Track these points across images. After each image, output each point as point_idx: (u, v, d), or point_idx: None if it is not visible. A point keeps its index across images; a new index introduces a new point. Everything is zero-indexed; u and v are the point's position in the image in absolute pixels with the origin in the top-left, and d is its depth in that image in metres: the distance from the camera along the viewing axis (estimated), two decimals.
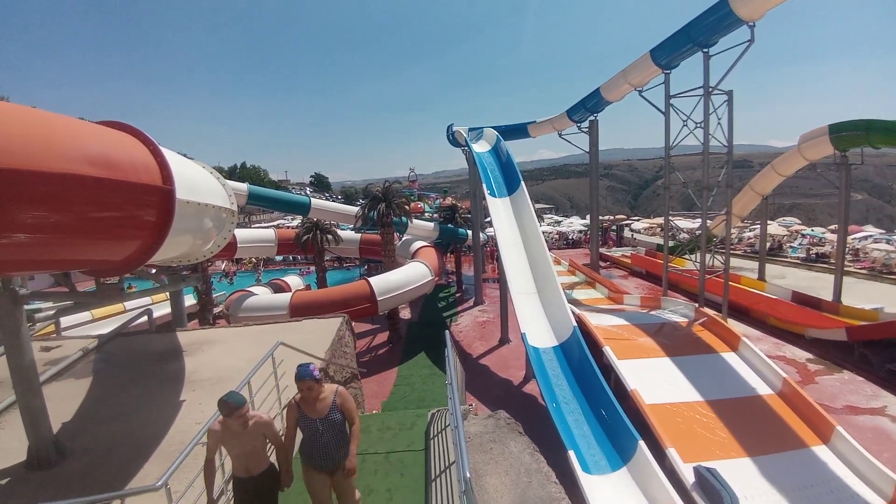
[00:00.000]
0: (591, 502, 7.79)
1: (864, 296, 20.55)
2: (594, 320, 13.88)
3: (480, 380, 15.32)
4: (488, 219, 22.52)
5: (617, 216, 54.51)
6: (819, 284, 22.38)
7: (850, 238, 26.95)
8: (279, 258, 37.03)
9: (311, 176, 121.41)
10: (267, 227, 35.09)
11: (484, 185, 19.46)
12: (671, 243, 22.28)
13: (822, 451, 9.01)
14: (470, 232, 27.43)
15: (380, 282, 17.88)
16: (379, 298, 17.24)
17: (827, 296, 19.87)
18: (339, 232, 26.17)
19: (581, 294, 22.25)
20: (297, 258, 36.80)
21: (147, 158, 5.28)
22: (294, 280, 25.93)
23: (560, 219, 55.60)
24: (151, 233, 5.36)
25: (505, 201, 19.14)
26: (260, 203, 24.55)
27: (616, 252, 35.80)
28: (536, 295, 15.05)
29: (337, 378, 8.97)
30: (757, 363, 11.42)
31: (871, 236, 32.46)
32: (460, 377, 5.85)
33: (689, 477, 8.16)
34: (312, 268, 27.83)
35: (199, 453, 5.05)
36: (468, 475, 3.33)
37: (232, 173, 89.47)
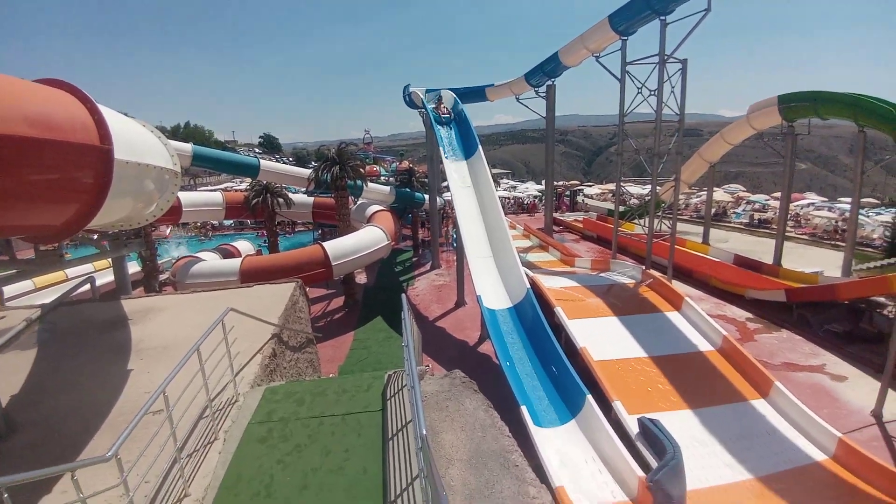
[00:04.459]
0: (542, 453, 8.18)
1: (804, 260, 21.56)
2: (547, 282, 14.24)
3: (437, 341, 15.56)
4: (445, 183, 22.40)
5: (571, 182, 55.49)
6: (761, 249, 23.42)
7: (792, 205, 28.47)
8: (228, 222, 35.61)
9: (260, 136, 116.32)
10: (214, 190, 33.51)
11: (441, 149, 19.23)
12: (622, 208, 22.92)
13: (760, 405, 9.71)
14: (427, 196, 27.25)
15: (334, 246, 17.59)
16: (334, 263, 17.00)
17: (768, 259, 20.84)
18: (291, 195, 25.39)
19: (535, 257, 22.73)
20: (247, 222, 35.55)
21: (84, 117, 5.01)
22: (244, 245, 25.12)
23: (516, 184, 56.00)
24: (90, 195, 5.12)
25: (462, 165, 19.03)
26: (205, 164, 23.46)
27: (569, 217, 36.60)
28: (492, 258, 15.25)
29: (291, 343, 8.86)
30: (699, 321, 12.10)
31: (813, 204, 34.41)
32: (417, 339, 5.90)
33: (633, 428, 8.68)
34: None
35: (148, 423, 4.91)
36: (424, 433, 3.38)
37: (175, 133, 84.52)
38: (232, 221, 34.49)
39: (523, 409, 9.35)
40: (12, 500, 2.99)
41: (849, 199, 26.49)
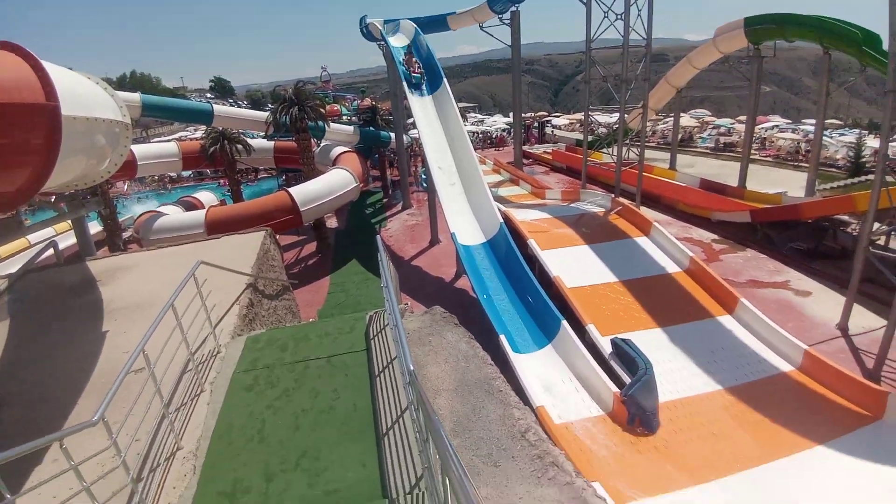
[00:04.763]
0: (522, 377, 8.58)
1: (768, 182, 21.98)
2: (519, 216, 14.35)
3: (414, 280, 15.73)
4: (411, 120, 21.76)
5: (539, 113, 54.65)
6: (726, 172, 23.80)
7: (757, 128, 28.84)
8: (187, 174, 34.09)
9: (211, 80, 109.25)
10: (168, 141, 31.82)
11: (404, 84, 18.49)
12: (590, 138, 22.86)
13: (727, 321, 10.25)
14: (393, 134, 26.50)
15: (301, 192, 17.16)
16: (302, 209, 16.66)
17: (733, 182, 21.25)
18: (250, 141, 24.33)
19: (506, 191, 22.73)
20: (207, 172, 34.08)
21: (27, 74, 4.74)
22: (206, 196, 24.26)
23: (483, 118, 54.87)
24: (41, 156, 4.91)
25: (427, 100, 18.41)
26: (156, 114, 22.28)
27: (538, 149, 36.39)
28: (464, 195, 15.18)
29: (268, 292, 8.80)
30: (667, 245, 12.50)
31: (777, 126, 34.89)
32: (394, 279, 5.92)
33: (607, 348, 9.13)
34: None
35: (131, 382, 4.86)
36: (412, 367, 3.46)
37: (121, 84, 78.93)
38: (191, 172, 33.00)
39: (502, 338, 9.69)
40: (3, 477, 2.96)
41: (812, 121, 26.95)
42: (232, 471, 4.36)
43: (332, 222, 23.07)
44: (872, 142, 24.15)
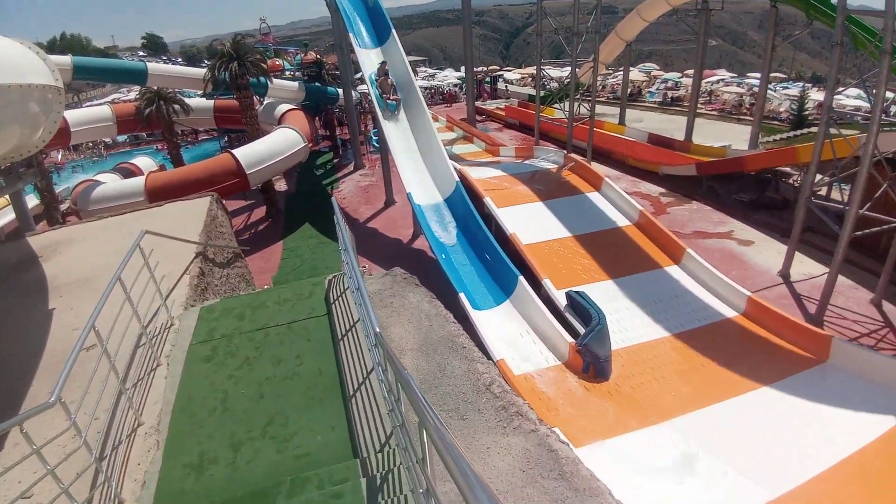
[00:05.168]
0: (483, 333, 8.81)
1: (713, 135, 22.64)
2: (474, 174, 14.33)
3: (371, 242, 15.58)
4: (359, 74, 20.92)
5: (490, 67, 53.82)
6: (673, 126, 24.34)
7: (703, 82, 29.52)
8: (122, 138, 31.75)
9: (143, 38, 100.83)
10: (101, 105, 29.46)
11: (351, 35, 17.63)
12: (542, 93, 22.83)
13: (674, 271, 10.77)
14: (341, 90, 25.47)
15: (246, 153, 16.38)
16: (248, 172, 15.95)
17: (680, 136, 21.84)
18: (188, 100, 22.83)
19: (460, 149, 22.57)
20: (143, 136, 31.90)
21: None
22: (144, 161, 22.85)
23: (434, 72, 53.53)
24: None
25: (376, 52, 17.68)
26: (88, 76, 20.90)
27: (491, 105, 36.07)
28: (418, 154, 14.92)
29: (218, 260, 8.50)
30: (617, 199, 12.87)
31: (723, 80, 35.78)
32: (352, 242, 5.83)
33: (562, 301, 9.46)
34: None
35: (84, 360, 4.62)
36: (377, 329, 3.46)
37: (52, 47, 71.68)
38: (126, 137, 30.80)
39: (462, 296, 9.85)
40: None
41: (757, 75, 27.77)
42: (197, 443, 4.30)
43: (280, 185, 22.27)
44: (816, 95, 25.23)
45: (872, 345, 9.71)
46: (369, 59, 17.12)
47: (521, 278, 9.96)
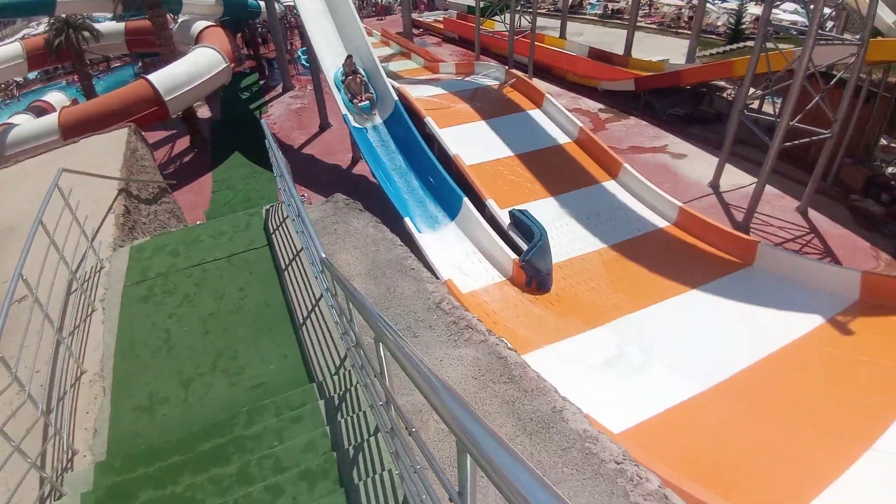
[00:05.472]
0: (430, 255, 8.92)
1: (652, 49, 22.26)
2: (414, 92, 13.76)
3: (308, 169, 14.97)
4: None
5: None
6: (613, 39, 23.66)
7: None
8: (33, 75, 28.07)
9: None
10: (11, 42, 25.62)
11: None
12: (482, 4, 21.68)
13: (611, 186, 11.10)
14: (263, 3, 23.10)
15: (162, 78, 14.82)
16: (167, 98, 14.53)
17: (619, 50, 21.34)
18: (97, 26, 20.32)
19: (398, 66, 21.48)
20: (56, 70, 28.25)
21: None
22: (56, 97, 20.57)
23: None
24: None
25: None
26: None
27: (428, 17, 34.07)
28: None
29: (144, 196, 7.92)
30: (558, 116, 12.86)
31: None
32: (288, 169, 5.54)
33: (505, 220, 9.64)
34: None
35: (16, 312, 4.29)
36: (323, 255, 3.39)
37: None
38: (37, 73, 27.36)
39: (406, 220, 9.81)
40: None
41: None
42: (144, 385, 4.20)
43: (203, 112, 20.55)
44: (753, 9, 25.31)
45: (797, 249, 10.53)
46: None
47: (466, 200, 10.00)
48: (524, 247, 8.82)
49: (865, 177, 12.03)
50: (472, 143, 11.93)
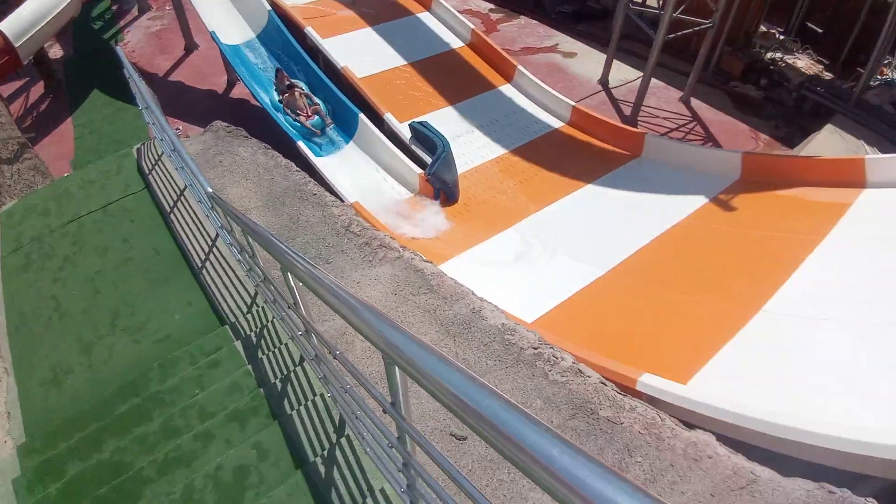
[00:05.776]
0: (331, 179, 8.56)
1: None
2: (289, 0, 12.35)
3: (178, 98, 13.30)
4: None
5: None
6: None
7: None
8: None
9: None
10: None
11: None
12: None
13: (507, 90, 10.97)
14: None
15: (11, 24, 11.93)
16: (17, 45, 11.80)
17: None
18: None
19: None
20: None
21: None
22: None
23: None
24: None
25: None
26: None
27: None
28: None
29: (3, 156, 6.73)
30: (449, 19, 12.24)
31: None
32: (155, 100, 4.85)
33: (406, 134, 9.37)
34: None
35: None
36: (210, 190, 3.10)
37: None
38: None
39: (300, 144, 9.21)
40: None
41: None
42: (44, 358, 3.86)
43: (55, 51, 17.09)
44: None
45: (682, 137, 11.33)
46: None
47: (362, 116, 9.51)
48: (428, 159, 8.71)
49: (745, 64, 12.83)
50: (361, 53, 11.11)
